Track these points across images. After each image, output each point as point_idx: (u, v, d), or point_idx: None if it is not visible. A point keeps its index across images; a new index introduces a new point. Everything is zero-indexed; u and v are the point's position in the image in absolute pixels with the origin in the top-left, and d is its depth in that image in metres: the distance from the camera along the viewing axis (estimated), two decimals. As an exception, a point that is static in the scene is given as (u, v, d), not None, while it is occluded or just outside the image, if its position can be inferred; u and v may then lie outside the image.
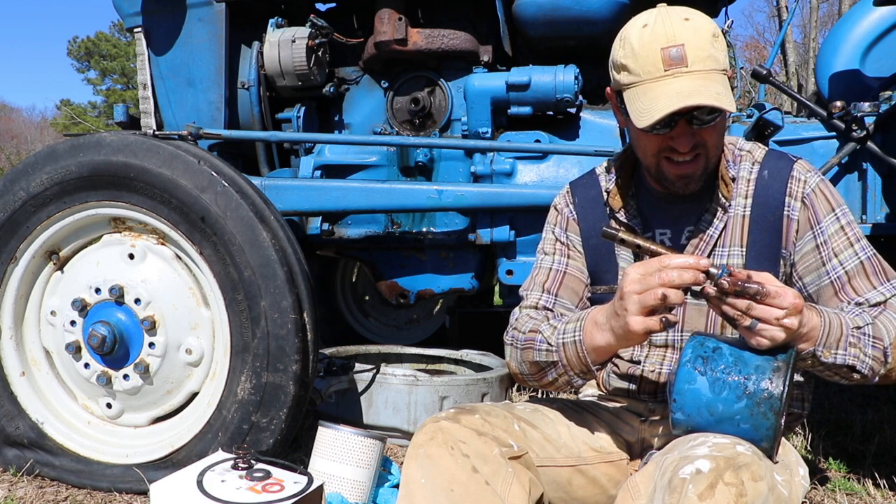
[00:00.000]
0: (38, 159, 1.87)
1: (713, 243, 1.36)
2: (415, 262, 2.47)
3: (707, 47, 1.23)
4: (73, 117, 27.82)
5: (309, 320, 1.77)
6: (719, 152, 1.35)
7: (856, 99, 2.17)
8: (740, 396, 1.10)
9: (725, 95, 1.22)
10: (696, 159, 1.31)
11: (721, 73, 1.25)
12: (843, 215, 1.33)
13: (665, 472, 1.07)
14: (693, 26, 1.24)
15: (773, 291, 1.07)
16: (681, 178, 1.33)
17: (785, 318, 1.08)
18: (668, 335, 1.41)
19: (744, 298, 1.08)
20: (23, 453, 1.93)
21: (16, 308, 1.96)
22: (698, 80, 1.23)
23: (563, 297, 1.46)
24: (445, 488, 1.17)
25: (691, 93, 1.21)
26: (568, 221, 1.52)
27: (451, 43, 2.35)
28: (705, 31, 1.24)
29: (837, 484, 1.92)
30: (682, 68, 1.23)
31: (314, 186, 2.27)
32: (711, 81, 1.23)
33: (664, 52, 1.23)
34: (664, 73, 1.24)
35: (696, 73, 1.23)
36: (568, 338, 1.28)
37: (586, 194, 1.51)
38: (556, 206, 1.56)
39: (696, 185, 1.34)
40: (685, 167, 1.31)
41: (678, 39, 1.23)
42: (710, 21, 1.27)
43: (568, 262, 1.50)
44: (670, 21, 1.25)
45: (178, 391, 1.88)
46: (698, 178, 1.33)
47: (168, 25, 2.45)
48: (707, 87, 1.22)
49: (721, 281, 1.08)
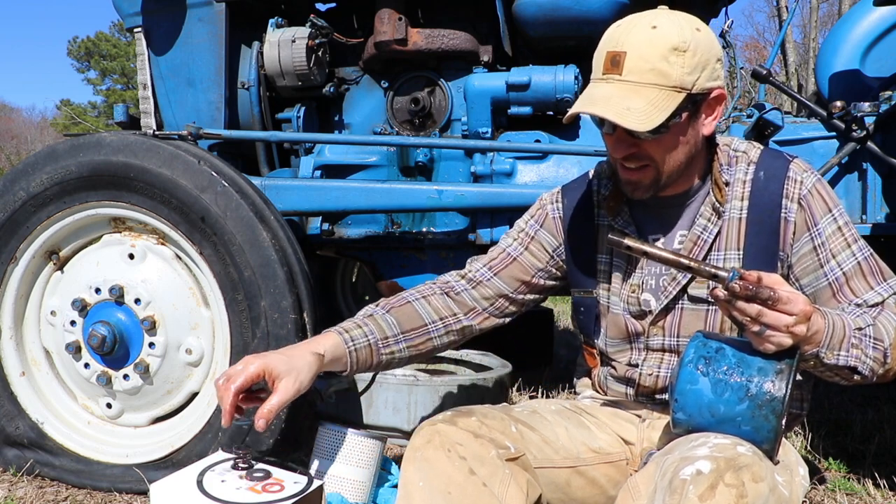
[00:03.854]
0: (38, 159, 1.87)
1: (708, 248, 1.36)
2: (415, 262, 2.47)
3: (653, 60, 1.20)
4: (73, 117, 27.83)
5: (309, 320, 1.77)
6: (676, 167, 1.31)
7: (856, 99, 2.17)
8: (742, 398, 1.10)
9: (644, 113, 1.19)
10: (644, 170, 1.30)
11: (662, 89, 1.20)
12: (840, 216, 1.32)
13: (665, 472, 1.07)
14: (651, 36, 1.21)
15: (785, 297, 1.06)
16: (628, 184, 1.34)
17: (795, 325, 1.07)
18: (665, 339, 1.40)
19: (755, 302, 1.06)
20: (23, 453, 1.93)
21: (16, 308, 1.96)
22: (620, 90, 1.21)
23: (502, 279, 1.49)
24: (443, 491, 1.17)
25: (601, 101, 1.22)
26: (546, 219, 1.53)
27: (451, 43, 2.35)
28: (662, 44, 1.20)
29: (837, 484, 1.92)
30: (615, 75, 1.23)
31: (314, 186, 2.27)
32: (634, 95, 1.20)
33: (608, 55, 1.24)
34: (601, 77, 1.26)
35: (624, 84, 1.22)
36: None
37: (576, 196, 1.52)
38: (541, 201, 1.56)
39: (645, 193, 1.33)
40: (631, 174, 1.32)
41: (623, 46, 1.22)
42: (681, 35, 1.21)
43: (522, 252, 1.51)
44: (634, 25, 1.24)
45: (178, 391, 1.88)
46: (646, 188, 1.32)
47: (168, 25, 2.45)
48: (623, 99, 1.20)
49: (732, 284, 1.06)
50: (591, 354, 1.54)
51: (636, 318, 1.41)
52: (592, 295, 1.48)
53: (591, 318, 1.49)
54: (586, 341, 1.54)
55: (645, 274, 1.41)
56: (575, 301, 1.53)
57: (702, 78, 1.23)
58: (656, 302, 1.39)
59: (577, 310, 1.53)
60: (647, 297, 1.40)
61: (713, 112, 1.29)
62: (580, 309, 1.52)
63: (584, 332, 1.53)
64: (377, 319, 1.42)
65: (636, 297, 1.40)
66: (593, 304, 1.48)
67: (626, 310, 1.42)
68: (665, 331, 1.39)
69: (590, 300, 1.49)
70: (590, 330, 1.50)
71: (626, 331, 1.43)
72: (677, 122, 1.24)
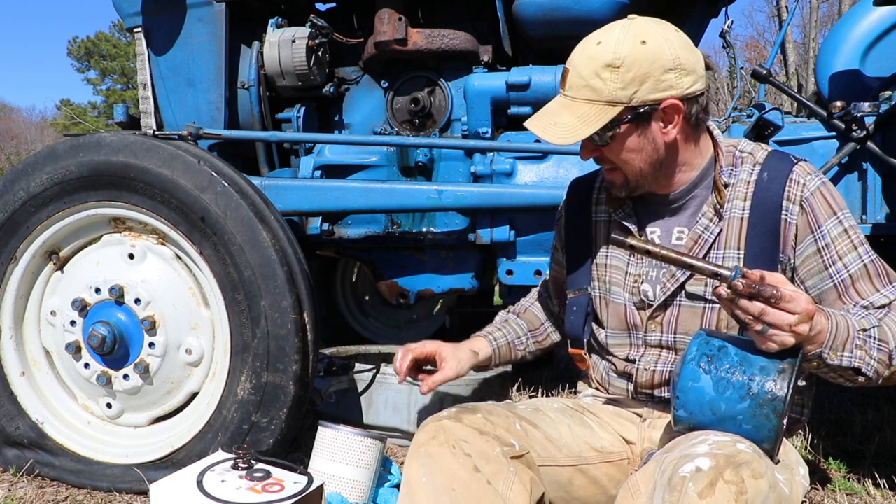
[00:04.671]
0: (38, 159, 1.87)
1: (708, 247, 1.36)
2: (415, 262, 2.47)
3: (588, 76, 1.27)
4: (73, 117, 27.84)
5: (309, 320, 1.77)
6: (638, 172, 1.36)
7: (856, 99, 2.17)
8: (744, 397, 1.10)
9: (564, 127, 1.28)
10: (614, 171, 1.39)
11: (591, 104, 1.27)
12: (845, 219, 1.32)
13: (665, 470, 1.07)
14: (591, 52, 1.28)
15: (788, 295, 1.06)
16: (608, 182, 1.45)
17: (797, 324, 1.07)
18: (663, 336, 1.41)
19: (758, 301, 1.06)
20: (23, 453, 1.93)
21: (16, 308, 1.96)
22: (561, 105, 1.32)
23: (554, 296, 1.73)
24: (447, 487, 1.17)
25: (539, 116, 1.34)
26: (559, 223, 1.64)
27: (451, 43, 2.35)
28: (599, 60, 1.26)
29: (837, 484, 1.92)
30: (562, 90, 1.34)
31: (314, 186, 2.27)
32: (566, 110, 1.30)
33: (563, 71, 1.34)
34: (559, 91, 1.36)
35: (565, 99, 1.32)
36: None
37: (578, 193, 1.59)
38: (560, 208, 1.66)
39: (620, 191, 1.42)
40: (607, 174, 1.42)
41: (570, 63, 1.32)
42: (616, 51, 1.25)
43: (553, 267, 1.71)
44: (584, 43, 1.32)
45: (178, 391, 1.88)
46: (620, 187, 1.41)
47: (168, 25, 2.45)
48: (557, 114, 1.31)
49: (735, 283, 1.06)
50: (579, 358, 1.55)
51: (638, 308, 1.43)
52: (587, 293, 1.50)
53: (581, 318, 1.51)
54: (574, 344, 1.55)
55: (645, 265, 1.43)
56: (569, 303, 1.54)
57: (641, 91, 1.26)
58: (653, 292, 1.41)
59: (570, 310, 1.53)
60: (646, 288, 1.42)
61: (672, 120, 1.31)
62: (573, 309, 1.53)
63: (572, 334, 1.54)
64: (511, 323, 1.73)
65: (637, 286, 1.42)
66: (586, 302, 1.51)
67: (630, 300, 1.44)
68: (663, 327, 1.40)
69: (583, 299, 1.51)
70: (578, 330, 1.52)
71: (626, 321, 1.44)
72: (620, 132, 1.30)
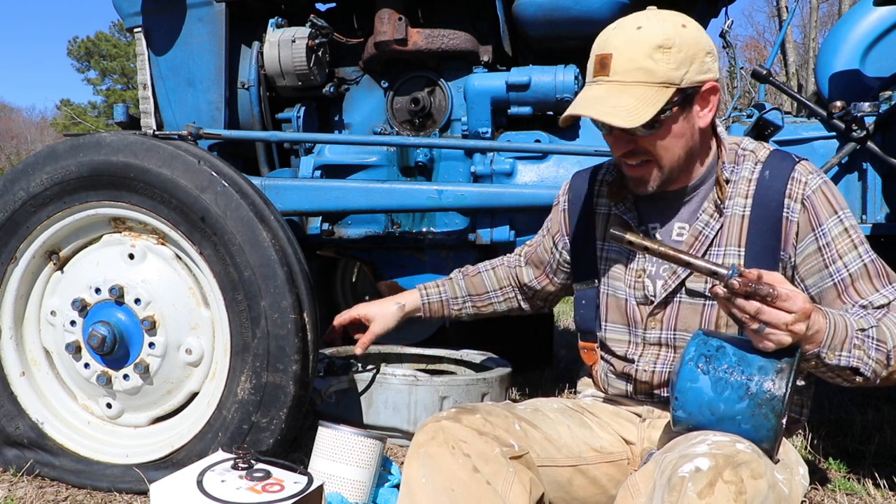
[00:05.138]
0: (38, 159, 1.87)
1: (709, 243, 1.37)
2: (415, 262, 2.47)
3: (639, 58, 1.24)
4: (73, 117, 27.85)
5: (309, 320, 1.77)
6: (675, 161, 1.34)
7: (856, 99, 2.17)
8: (742, 397, 1.10)
9: (632, 110, 1.23)
10: (646, 165, 1.34)
11: (650, 86, 1.25)
12: (846, 218, 1.32)
13: (665, 470, 1.07)
14: (636, 36, 1.25)
15: (784, 294, 1.06)
16: (633, 181, 1.39)
17: (794, 323, 1.07)
18: (662, 333, 1.41)
19: (754, 300, 1.07)
20: (23, 453, 1.93)
21: (16, 308, 1.96)
22: (609, 91, 1.26)
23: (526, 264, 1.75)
24: (446, 488, 1.17)
25: (590, 102, 1.27)
26: (557, 212, 1.65)
27: (451, 43, 2.35)
28: (647, 43, 1.24)
29: (837, 484, 1.92)
30: (603, 77, 1.28)
31: (314, 186, 2.27)
32: (622, 94, 1.25)
33: (598, 58, 1.29)
34: (592, 79, 1.30)
35: (613, 84, 1.27)
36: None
37: (579, 187, 1.59)
38: (559, 194, 1.67)
39: (648, 188, 1.37)
40: (634, 170, 1.36)
41: (608, 48, 1.27)
42: (665, 33, 1.25)
43: (541, 242, 1.72)
44: (620, 28, 1.29)
45: (178, 391, 1.88)
46: (651, 182, 1.36)
47: (168, 25, 2.45)
48: (612, 98, 1.25)
49: (731, 281, 1.06)
50: (589, 351, 1.54)
51: (639, 303, 1.43)
52: (594, 286, 1.50)
53: (591, 310, 1.51)
54: (585, 337, 1.55)
55: (647, 261, 1.44)
56: (577, 296, 1.54)
57: (690, 72, 1.26)
58: (653, 288, 1.41)
59: (579, 303, 1.54)
60: (647, 283, 1.42)
61: (707, 104, 1.32)
62: (581, 302, 1.53)
63: (583, 327, 1.54)
64: (453, 283, 1.81)
65: (641, 281, 1.42)
66: (594, 295, 1.51)
67: (632, 295, 1.44)
68: (662, 324, 1.40)
69: (591, 291, 1.51)
70: (591, 323, 1.52)
71: (627, 316, 1.44)
72: (669, 116, 1.28)
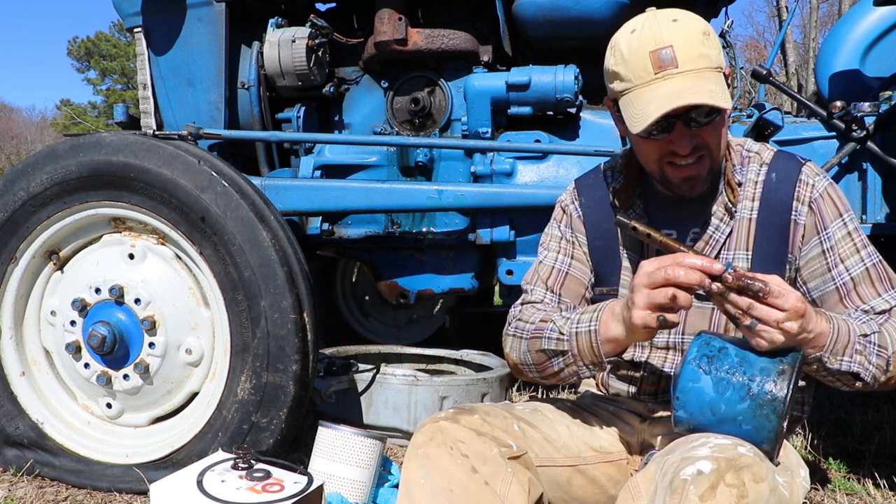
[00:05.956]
0: (38, 159, 1.87)
1: (719, 248, 1.36)
2: (415, 262, 2.47)
3: (697, 46, 1.22)
4: (73, 117, 27.85)
5: (309, 320, 1.77)
6: (723, 151, 1.33)
7: (856, 99, 2.17)
8: (744, 397, 1.10)
9: (720, 93, 1.21)
10: (700, 161, 1.29)
11: (714, 71, 1.23)
12: (850, 221, 1.32)
13: (666, 473, 1.06)
14: (682, 26, 1.23)
15: (776, 291, 1.06)
16: (685, 182, 1.32)
17: (785, 321, 1.07)
18: (670, 336, 1.40)
19: (746, 295, 1.07)
20: (23, 453, 1.93)
21: (16, 308, 1.96)
22: (690, 79, 1.21)
23: (565, 297, 1.44)
24: (445, 488, 1.17)
25: (682, 93, 1.20)
26: (573, 220, 1.50)
27: (451, 43, 2.35)
28: (694, 31, 1.23)
29: (837, 484, 1.92)
30: (672, 70, 1.21)
31: (314, 186, 2.27)
32: (703, 80, 1.21)
33: (653, 54, 1.22)
34: (655, 77, 1.22)
35: (688, 73, 1.21)
36: (583, 327, 1.26)
37: (593, 194, 1.49)
38: (562, 204, 1.53)
39: (703, 186, 1.32)
40: (689, 170, 1.29)
41: (666, 41, 1.21)
42: (699, 20, 1.26)
43: (571, 263, 1.47)
44: (658, 23, 1.24)
45: (178, 391, 1.88)
46: (704, 180, 1.31)
47: (168, 25, 2.45)
48: (699, 85, 1.20)
49: (724, 275, 1.08)
50: None
51: None
52: (615, 291, 1.45)
53: None
54: None
55: None
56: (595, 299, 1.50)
57: (722, 58, 1.27)
58: None
59: None
60: None
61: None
62: None
63: None
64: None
65: None
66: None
67: None
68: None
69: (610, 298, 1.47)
70: None
71: None
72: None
